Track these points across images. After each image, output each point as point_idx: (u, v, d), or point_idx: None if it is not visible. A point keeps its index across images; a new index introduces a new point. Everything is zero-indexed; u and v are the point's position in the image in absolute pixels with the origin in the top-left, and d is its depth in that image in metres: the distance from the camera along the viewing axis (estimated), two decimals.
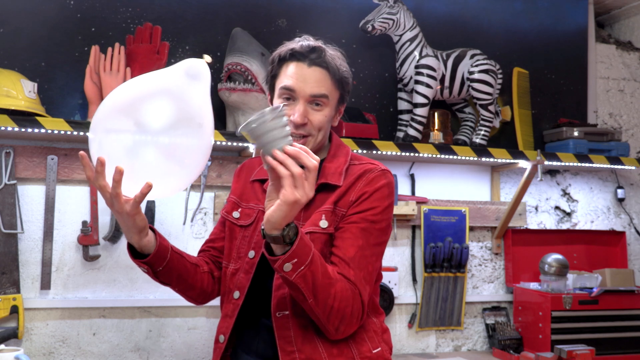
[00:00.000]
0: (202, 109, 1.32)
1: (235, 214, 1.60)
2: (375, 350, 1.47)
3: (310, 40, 1.49)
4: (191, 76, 1.31)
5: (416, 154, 2.50)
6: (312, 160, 1.23)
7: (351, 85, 1.56)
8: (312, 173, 1.23)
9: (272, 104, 1.53)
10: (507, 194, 2.94)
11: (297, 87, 1.45)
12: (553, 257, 2.67)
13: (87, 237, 2.25)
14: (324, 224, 1.43)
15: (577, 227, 3.07)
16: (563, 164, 2.76)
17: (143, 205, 2.31)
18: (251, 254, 1.52)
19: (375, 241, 1.45)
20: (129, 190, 1.29)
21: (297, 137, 1.46)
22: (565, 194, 3.08)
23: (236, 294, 1.52)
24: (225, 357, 1.57)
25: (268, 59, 2.26)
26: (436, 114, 2.68)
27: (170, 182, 1.33)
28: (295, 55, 1.47)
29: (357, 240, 1.41)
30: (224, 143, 2.25)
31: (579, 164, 2.76)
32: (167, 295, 2.36)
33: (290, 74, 1.46)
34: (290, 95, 1.46)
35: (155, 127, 1.27)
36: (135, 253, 1.44)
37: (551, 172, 3.06)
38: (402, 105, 2.69)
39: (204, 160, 1.34)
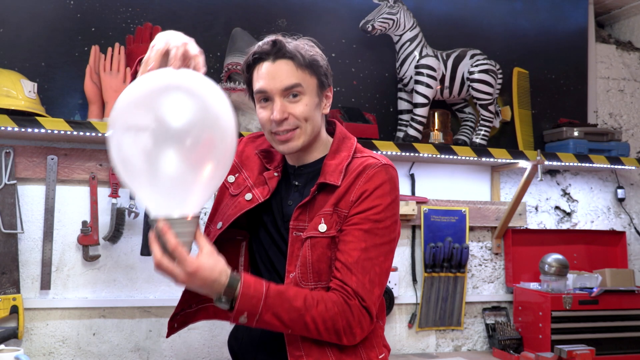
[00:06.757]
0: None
1: (231, 178, 1.58)
2: (381, 356, 1.45)
3: (269, 37, 1.44)
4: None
5: (416, 154, 2.50)
6: (170, 241, 1.19)
7: (328, 68, 1.49)
8: (175, 252, 1.20)
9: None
10: (507, 194, 2.94)
11: (268, 87, 1.41)
12: (553, 257, 2.67)
13: (87, 237, 2.25)
14: (322, 227, 1.40)
15: (577, 227, 3.07)
16: (563, 164, 2.76)
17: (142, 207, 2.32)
18: (219, 225, 1.53)
19: (382, 240, 1.40)
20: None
21: (283, 133, 1.43)
22: (565, 194, 3.08)
23: None
24: None
25: None
26: (436, 114, 2.68)
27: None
28: (258, 57, 1.44)
29: (359, 244, 1.37)
30: None
31: (579, 164, 2.76)
32: (167, 295, 2.36)
33: (259, 76, 1.44)
34: (265, 96, 1.43)
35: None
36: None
37: (551, 172, 3.06)
38: (402, 105, 2.69)
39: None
